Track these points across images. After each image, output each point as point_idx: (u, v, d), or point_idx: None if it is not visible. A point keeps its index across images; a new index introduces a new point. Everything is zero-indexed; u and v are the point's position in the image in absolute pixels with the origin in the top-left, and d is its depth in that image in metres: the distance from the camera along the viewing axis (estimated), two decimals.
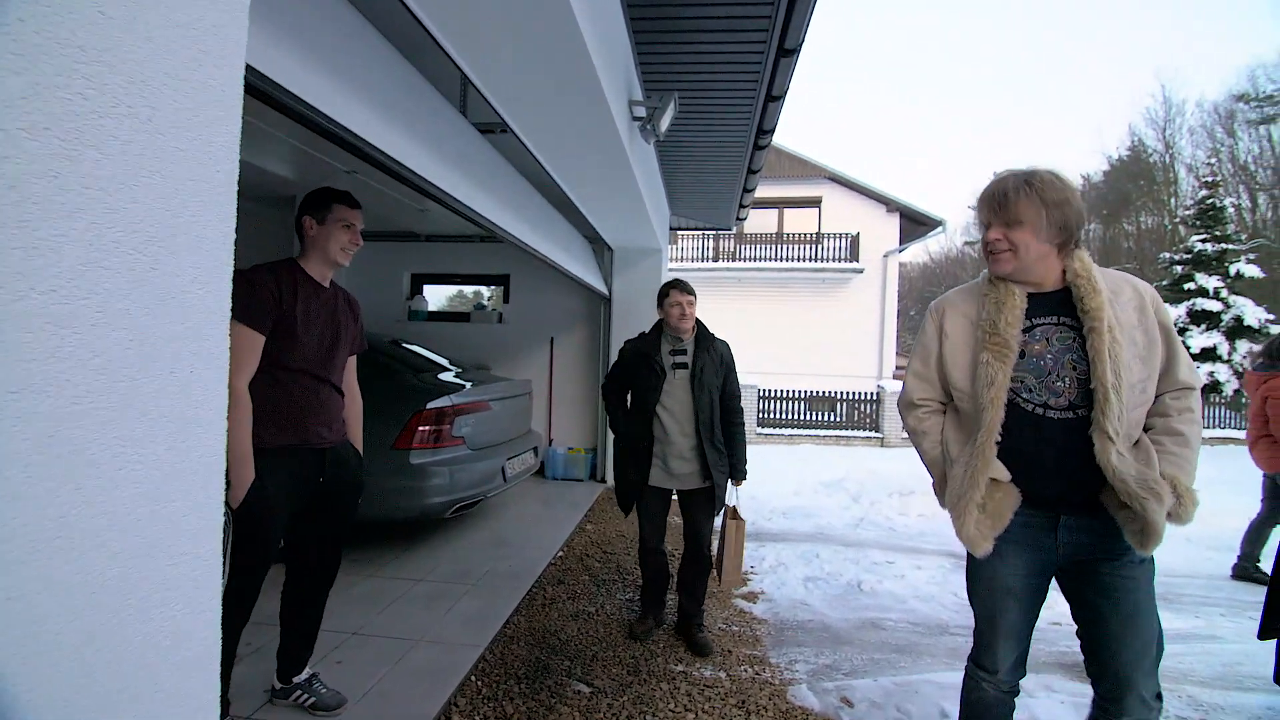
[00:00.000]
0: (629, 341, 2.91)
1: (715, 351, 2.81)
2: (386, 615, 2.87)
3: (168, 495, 0.68)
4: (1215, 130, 25.17)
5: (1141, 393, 1.44)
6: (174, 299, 0.66)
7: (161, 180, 0.63)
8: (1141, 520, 1.37)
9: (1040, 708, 2.40)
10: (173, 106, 0.64)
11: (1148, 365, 1.44)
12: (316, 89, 1.50)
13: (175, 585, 0.70)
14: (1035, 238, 1.45)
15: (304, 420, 1.89)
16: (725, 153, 4.92)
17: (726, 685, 2.48)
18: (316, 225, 1.94)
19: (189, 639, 0.74)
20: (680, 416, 2.74)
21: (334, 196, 1.96)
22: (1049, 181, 1.45)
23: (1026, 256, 1.46)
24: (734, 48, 3.37)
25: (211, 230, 0.69)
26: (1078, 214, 1.46)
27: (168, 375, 0.66)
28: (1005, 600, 1.58)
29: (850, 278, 15.82)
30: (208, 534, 0.75)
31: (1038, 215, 1.44)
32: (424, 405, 3.46)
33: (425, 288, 6.74)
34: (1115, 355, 1.40)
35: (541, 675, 2.47)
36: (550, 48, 2.13)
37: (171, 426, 0.68)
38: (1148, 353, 1.44)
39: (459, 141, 2.77)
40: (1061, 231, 1.46)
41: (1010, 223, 1.46)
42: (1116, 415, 1.38)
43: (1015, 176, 1.48)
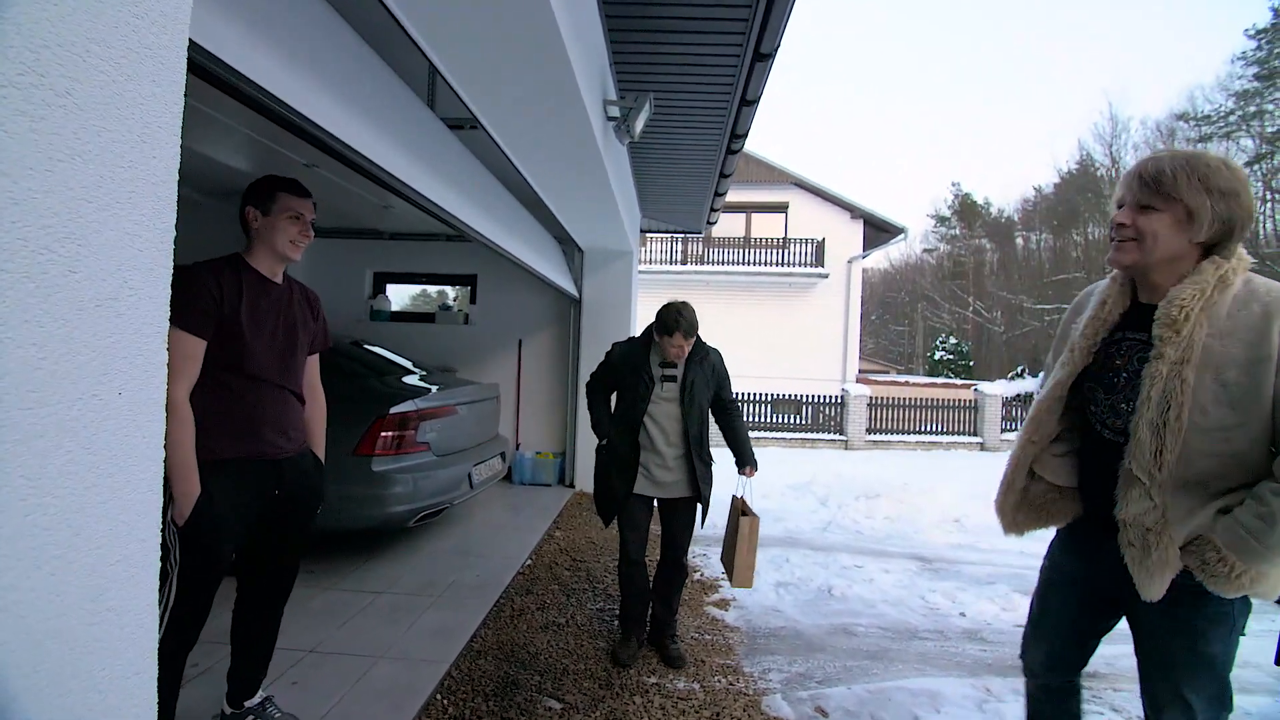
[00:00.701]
0: (619, 344, 2.78)
1: (708, 364, 2.70)
2: (346, 631, 2.74)
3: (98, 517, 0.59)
4: (1157, 146, 26.43)
5: (1223, 441, 1.20)
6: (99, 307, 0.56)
7: (83, 166, 0.54)
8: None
9: (1010, 712, 2.42)
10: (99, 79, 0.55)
11: (1237, 411, 1.18)
12: (270, 72, 1.40)
13: (103, 619, 0.61)
14: (1177, 230, 1.23)
15: (258, 430, 1.76)
16: (698, 156, 4.90)
17: (701, 697, 2.43)
18: (261, 217, 1.78)
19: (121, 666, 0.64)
20: (668, 429, 2.65)
21: (279, 185, 1.80)
22: (1215, 166, 1.22)
23: (1154, 251, 1.26)
24: (710, 50, 3.34)
25: (146, 226, 0.59)
26: (1246, 212, 1.22)
27: (90, 393, 0.56)
28: (1046, 591, 1.58)
29: (816, 282, 16.07)
30: (143, 560, 0.66)
31: (1193, 199, 1.20)
32: (387, 410, 3.32)
33: (388, 287, 6.53)
34: (1178, 389, 1.21)
35: (510, 691, 2.38)
36: (526, 40, 2.05)
37: (99, 448, 0.58)
38: (1246, 397, 1.18)
39: (426, 136, 2.67)
40: (1211, 228, 1.22)
41: (1146, 206, 1.25)
42: (1150, 454, 1.24)
43: (1176, 156, 1.25)
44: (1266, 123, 23.40)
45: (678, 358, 2.62)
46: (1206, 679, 1.31)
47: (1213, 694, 1.31)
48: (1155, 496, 1.25)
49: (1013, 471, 1.55)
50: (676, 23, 3.10)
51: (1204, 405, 1.20)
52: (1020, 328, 28.34)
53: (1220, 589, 1.21)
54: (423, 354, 5.62)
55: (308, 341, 1.96)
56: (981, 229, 34.24)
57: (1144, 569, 1.29)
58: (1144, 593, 1.29)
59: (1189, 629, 1.30)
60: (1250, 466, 1.20)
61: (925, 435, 12.38)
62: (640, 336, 2.77)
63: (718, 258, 16.56)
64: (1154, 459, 1.24)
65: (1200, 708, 1.31)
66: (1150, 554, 1.27)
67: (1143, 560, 1.29)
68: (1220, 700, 1.32)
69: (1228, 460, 1.21)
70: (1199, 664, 1.31)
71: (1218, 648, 1.29)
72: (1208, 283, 1.22)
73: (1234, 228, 1.22)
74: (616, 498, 2.66)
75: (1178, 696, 1.33)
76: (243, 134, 3.47)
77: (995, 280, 31.54)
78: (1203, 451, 1.21)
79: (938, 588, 3.79)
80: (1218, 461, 1.21)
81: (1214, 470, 1.22)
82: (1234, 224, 1.22)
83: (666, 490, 2.68)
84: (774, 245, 16.50)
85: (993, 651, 3.01)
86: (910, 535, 5.15)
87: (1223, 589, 1.21)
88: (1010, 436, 12.25)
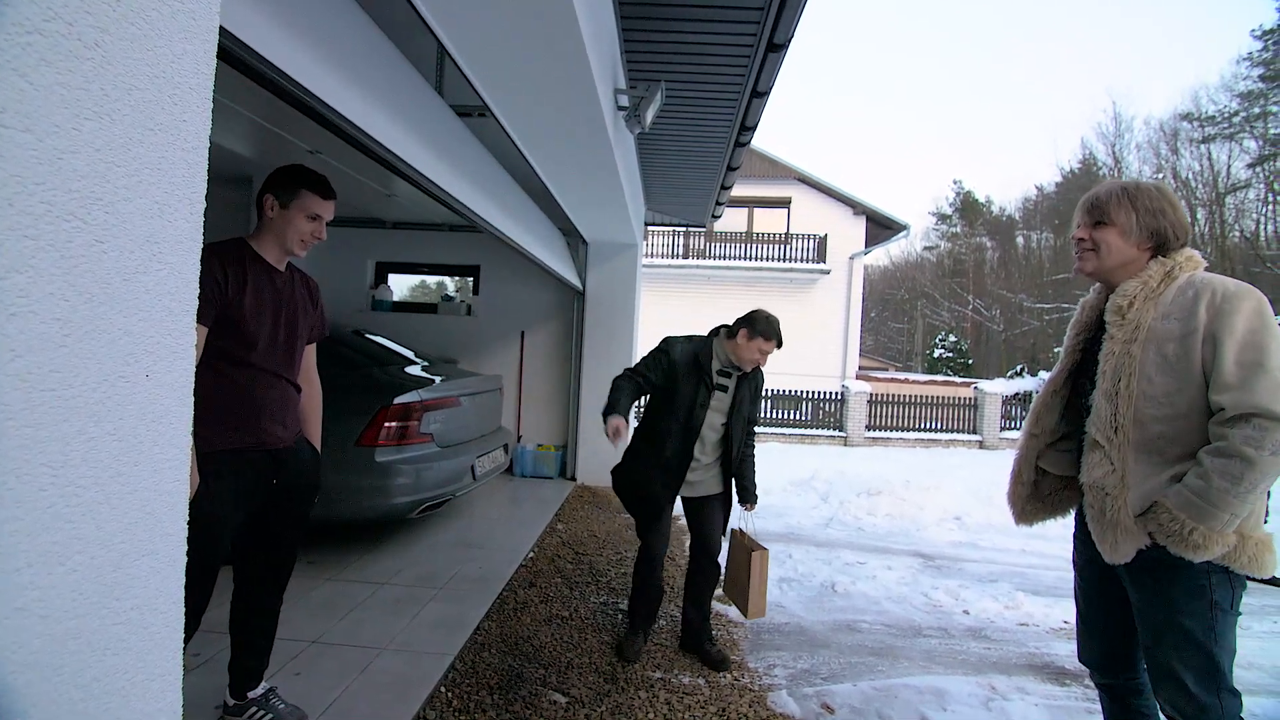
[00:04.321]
0: (677, 341, 2.64)
1: (753, 383, 2.67)
2: (348, 622, 2.71)
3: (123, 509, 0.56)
4: (1160, 147, 26.43)
5: (1168, 405, 1.38)
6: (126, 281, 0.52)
7: (111, 126, 0.50)
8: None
9: (1015, 710, 2.41)
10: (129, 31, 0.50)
11: (1176, 377, 1.37)
12: (278, 46, 1.35)
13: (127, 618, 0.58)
14: (1123, 239, 1.49)
15: (256, 420, 1.72)
16: (706, 148, 4.85)
17: (706, 692, 2.42)
18: (278, 207, 1.74)
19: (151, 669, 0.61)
20: (707, 439, 2.61)
21: (306, 181, 1.75)
22: (1142, 186, 1.51)
23: (1109, 258, 1.51)
24: (723, 40, 3.29)
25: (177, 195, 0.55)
26: (1171, 225, 1.47)
27: (117, 374, 0.53)
28: (1078, 585, 1.70)
29: (817, 278, 16.02)
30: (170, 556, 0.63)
31: (1125, 216, 1.48)
32: (391, 400, 3.29)
33: (390, 277, 6.48)
34: (1126, 363, 1.42)
35: (515, 685, 2.36)
36: (542, 25, 2.01)
37: (125, 434, 0.55)
38: (1177, 366, 1.37)
39: (436, 121, 2.63)
40: (1153, 238, 1.48)
41: (1095, 223, 1.52)
42: (1107, 419, 1.45)
43: (1114, 183, 1.56)
44: (1270, 124, 23.36)
45: (757, 364, 2.58)
46: (1190, 651, 1.40)
47: (1200, 668, 1.39)
48: (1115, 460, 1.44)
49: (1020, 464, 1.72)
50: (690, 10, 3.05)
51: (1150, 375, 1.40)
52: (1019, 327, 28.35)
53: (1179, 550, 1.34)
54: (424, 345, 5.59)
55: (307, 330, 1.92)
56: (982, 227, 34.20)
57: (1100, 529, 1.47)
58: (1105, 555, 1.46)
59: (1168, 602, 1.43)
60: (1196, 429, 1.37)
61: (925, 433, 12.38)
62: (700, 338, 2.67)
63: (719, 252, 16.50)
64: (1110, 423, 1.44)
65: (1191, 683, 1.40)
66: (1105, 515, 1.45)
67: (1099, 521, 1.47)
68: (1212, 678, 1.39)
69: (1176, 422, 1.38)
70: (1180, 636, 1.41)
71: (1194, 621, 1.39)
72: (1153, 277, 1.45)
73: (1166, 237, 1.48)
74: (657, 502, 2.61)
75: (1169, 669, 1.43)
76: (246, 118, 3.42)
77: (995, 279, 31.52)
78: (1153, 416, 1.40)
79: (940, 585, 3.78)
80: (1167, 425, 1.39)
81: (1166, 433, 1.39)
82: (1165, 234, 1.48)
83: (696, 489, 2.64)
84: (776, 241, 16.44)
85: (997, 649, 3.00)
86: (912, 532, 5.14)
87: (1181, 550, 1.33)
88: (1010, 435, 12.27)
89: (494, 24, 2.02)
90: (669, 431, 2.57)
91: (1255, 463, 1.26)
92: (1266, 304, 1.34)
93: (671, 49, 3.44)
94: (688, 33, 3.25)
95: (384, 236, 6.24)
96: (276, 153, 4.32)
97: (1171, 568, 1.39)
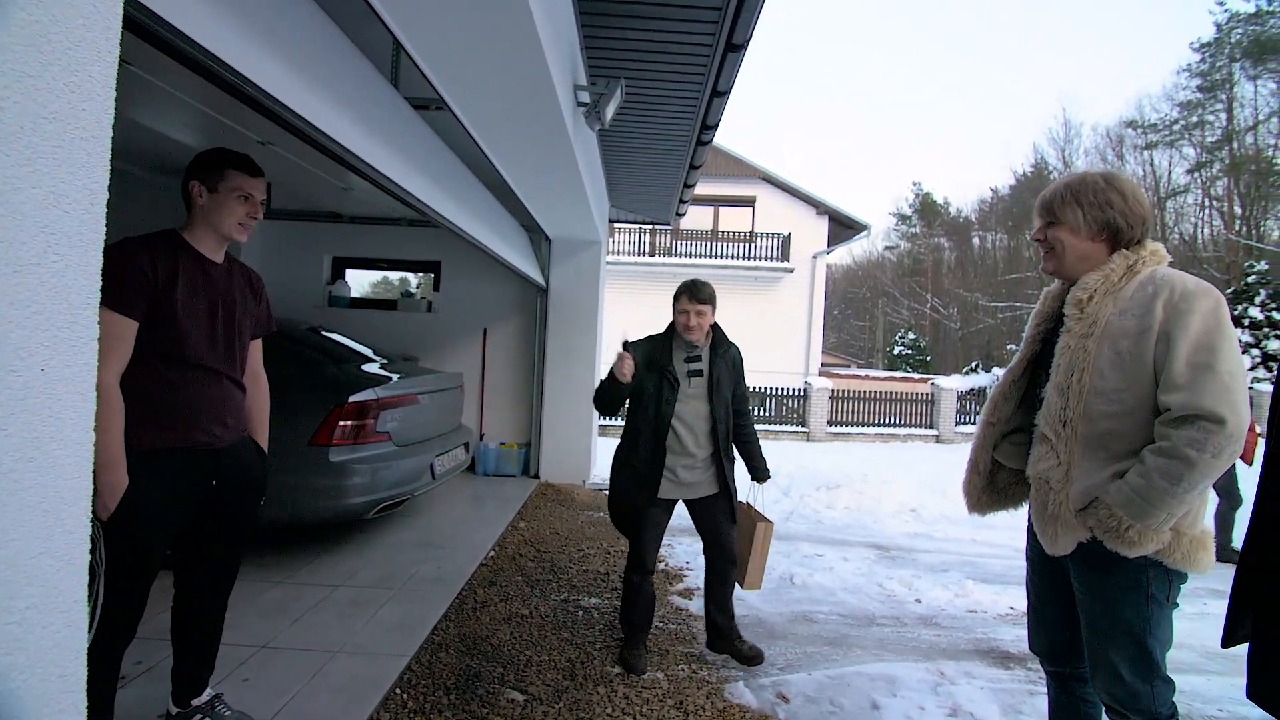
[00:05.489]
0: (634, 343, 2.56)
1: (729, 358, 2.62)
2: (301, 625, 2.65)
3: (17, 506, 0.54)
4: (1106, 153, 27.61)
5: (1118, 401, 1.38)
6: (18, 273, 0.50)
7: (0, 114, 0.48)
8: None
9: (961, 694, 2.50)
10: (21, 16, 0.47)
11: (1128, 373, 1.37)
12: (215, 33, 1.31)
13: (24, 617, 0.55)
14: (1074, 236, 1.50)
15: (192, 418, 1.66)
16: (669, 146, 4.88)
17: (664, 686, 2.44)
18: (206, 193, 1.67)
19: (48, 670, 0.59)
20: (696, 428, 2.54)
21: (229, 160, 1.69)
22: (1087, 180, 1.51)
23: (1066, 255, 1.52)
24: (682, 39, 3.31)
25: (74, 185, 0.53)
26: (1122, 215, 1.46)
27: (8, 368, 0.51)
28: (1028, 576, 1.72)
29: (781, 277, 16.26)
30: (69, 554, 0.61)
31: (1072, 213, 1.49)
32: (345, 399, 3.22)
33: (348, 273, 6.34)
34: (1081, 357, 1.42)
35: (472, 684, 2.34)
36: (496, 16, 1.99)
37: (17, 429, 0.53)
38: (1130, 362, 1.37)
39: (389, 114, 2.58)
40: (1104, 229, 1.48)
41: (1048, 223, 1.54)
42: (1057, 413, 1.46)
43: (1062, 180, 1.56)
44: (1207, 133, 24.62)
45: (689, 332, 2.51)
46: (1126, 643, 1.43)
47: (1135, 659, 1.43)
48: (1061, 454, 1.45)
49: (976, 453, 1.73)
50: (649, 9, 3.06)
51: (1103, 370, 1.39)
52: (975, 324, 29.26)
53: (1115, 545, 1.36)
54: (384, 342, 5.48)
55: (250, 326, 1.86)
56: (940, 228, 35.20)
57: (1041, 521, 1.50)
58: (1046, 546, 1.50)
59: (1105, 594, 1.45)
60: (1142, 426, 1.37)
61: (884, 428, 12.69)
62: (659, 334, 2.64)
63: (686, 250, 16.60)
64: (1060, 416, 1.44)
65: (1126, 672, 1.43)
66: (1046, 509, 1.47)
67: (1041, 514, 1.50)
68: (1146, 668, 1.43)
69: (1124, 419, 1.38)
70: (1117, 628, 1.44)
71: (1131, 613, 1.42)
72: (1115, 271, 1.44)
73: (1118, 226, 1.47)
74: (637, 508, 2.55)
75: (1105, 658, 1.46)
76: (191, 106, 3.30)
77: (952, 278, 32.47)
78: (1102, 412, 1.39)
79: (895, 575, 3.88)
80: (1115, 421, 1.39)
81: (1113, 429, 1.39)
82: (1115, 224, 1.47)
83: (693, 490, 2.59)
84: (741, 239, 16.63)
85: (946, 636, 3.10)
86: (869, 525, 5.27)
87: (1116, 545, 1.36)
88: (965, 429, 12.65)
89: (447, 16, 2.00)
90: (639, 431, 2.55)
91: (1196, 464, 1.26)
92: (1224, 305, 1.34)
93: (632, 47, 3.45)
94: (647, 31, 3.26)
95: (341, 231, 6.09)
96: (223, 142, 4.15)
97: (1110, 561, 1.41)
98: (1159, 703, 1.43)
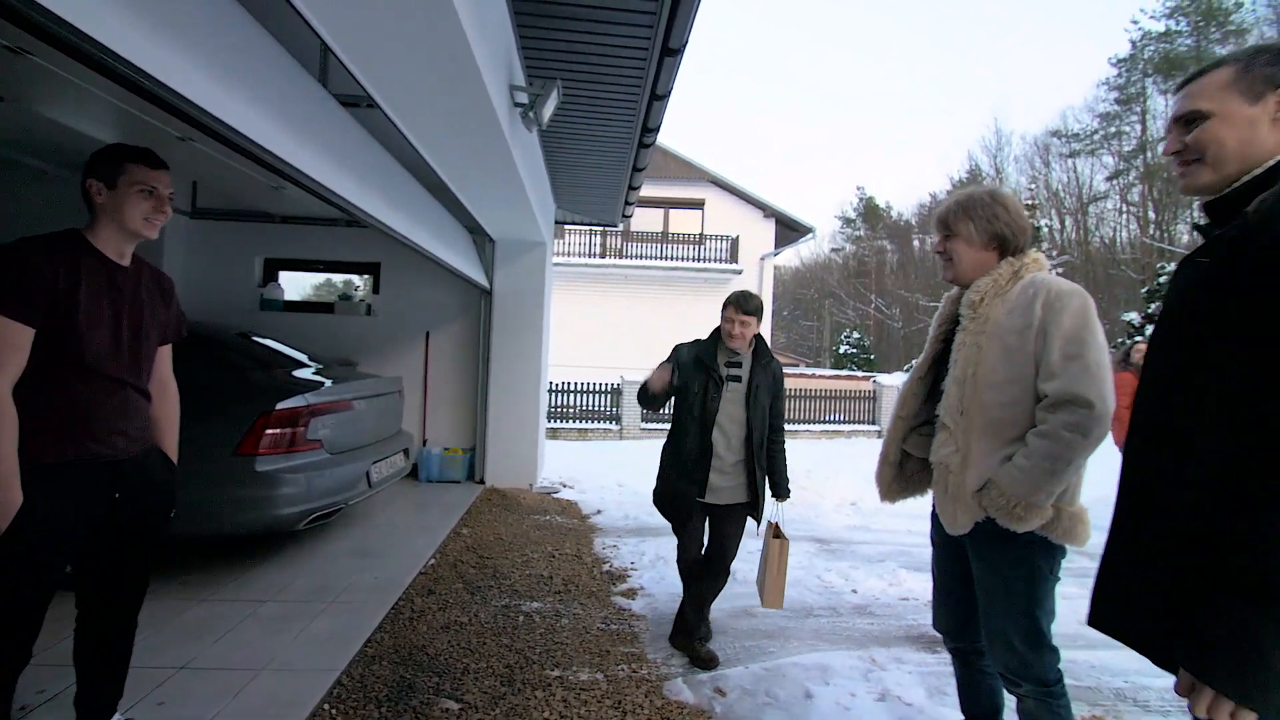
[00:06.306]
0: (684, 345, 2.76)
1: (770, 371, 2.72)
2: (224, 644, 2.54)
3: None
4: (1034, 160, 29.18)
5: (1006, 392, 1.53)
6: None
7: None
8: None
9: (890, 679, 2.59)
10: None
11: (1014, 366, 1.52)
12: (111, 25, 1.25)
13: None
14: (969, 246, 1.67)
15: (93, 429, 1.57)
16: (611, 148, 4.89)
17: (604, 686, 2.45)
18: (105, 190, 1.59)
19: None
20: (730, 433, 2.65)
21: (126, 154, 1.61)
22: (975, 196, 1.70)
23: (962, 264, 1.69)
24: (619, 42, 3.33)
25: None
26: (1007, 226, 1.64)
27: None
28: (933, 558, 1.87)
29: (730, 278, 16.49)
30: None
31: (965, 226, 1.67)
32: (273, 406, 3.10)
33: (282, 275, 6.09)
34: (974, 353, 1.58)
35: (406, 696, 2.29)
36: (417, 14, 1.96)
37: None
38: (1016, 356, 1.51)
39: (315, 112, 2.50)
40: (994, 240, 1.65)
41: (945, 235, 1.72)
42: (954, 404, 1.61)
43: (953, 197, 1.76)
44: (1124, 143, 26.31)
45: (732, 340, 2.65)
46: (1017, 615, 1.57)
47: (1026, 630, 1.56)
48: (959, 441, 1.59)
49: (887, 445, 1.88)
50: (585, 11, 3.07)
51: (993, 364, 1.55)
52: (916, 323, 30.37)
53: (1006, 521, 1.51)
54: (321, 346, 5.30)
55: (158, 332, 1.77)
56: (883, 231, 36.42)
57: (943, 503, 1.65)
58: (947, 526, 1.65)
59: (998, 569, 1.60)
60: (1028, 414, 1.52)
61: (828, 424, 13.04)
62: (703, 339, 2.79)
63: (636, 252, 16.66)
64: (957, 406, 1.60)
65: (1019, 645, 1.57)
66: (947, 490, 1.62)
67: (943, 496, 1.65)
68: (1036, 639, 1.56)
69: (1012, 408, 1.53)
70: (1009, 602, 1.58)
71: (1020, 586, 1.57)
72: (1003, 275, 1.62)
73: (1005, 236, 1.64)
74: (684, 499, 2.67)
75: (999, 630, 1.61)
76: (102, 99, 3.12)
77: (895, 279, 33.64)
78: (994, 401, 1.54)
79: (833, 567, 4.00)
80: (1005, 410, 1.54)
81: (1004, 418, 1.54)
82: (1003, 234, 1.64)
83: (719, 496, 2.68)
84: (691, 241, 16.81)
85: (879, 624, 3.22)
86: (812, 519, 5.40)
87: (1007, 521, 1.50)
88: None
89: (369, 11, 1.95)
90: (686, 428, 2.67)
91: (1070, 444, 1.41)
92: (1091, 304, 1.50)
93: (569, 49, 3.45)
94: (584, 33, 3.27)
95: (273, 232, 5.86)
96: (142, 138, 3.96)
97: (1002, 539, 1.55)
98: (1048, 670, 1.58)
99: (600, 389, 11.56)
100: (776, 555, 2.69)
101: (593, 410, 11.53)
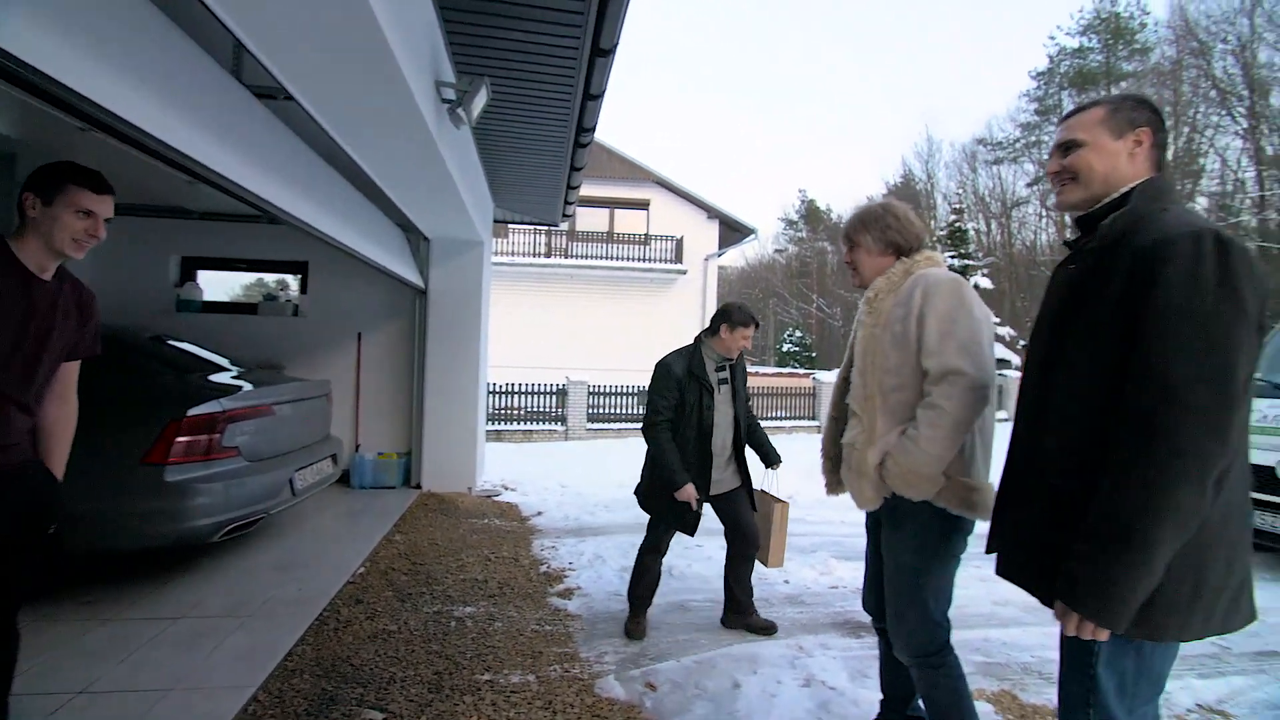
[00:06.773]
0: (672, 358, 2.89)
1: (742, 364, 3.00)
2: (129, 665, 2.39)
3: None
4: (962, 166, 30.68)
5: (899, 376, 1.69)
6: None
7: None
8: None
9: (815, 665, 2.68)
10: None
11: (903, 351, 1.68)
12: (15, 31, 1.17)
13: None
14: (869, 255, 1.87)
15: None
16: (547, 147, 4.86)
17: (535, 688, 2.44)
18: (40, 206, 1.55)
19: None
20: (724, 430, 2.88)
21: (72, 176, 1.57)
22: (869, 210, 1.89)
23: (865, 270, 1.88)
24: (549, 40, 3.31)
25: None
26: (898, 232, 1.83)
27: None
28: (867, 537, 2.00)
29: (675, 278, 16.67)
30: None
31: (864, 237, 1.86)
32: (183, 412, 2.94)
33: (200, 274, 5.78)
34: (873, 346, 1.74)
35: (326, 709, 2.22)
36: (332, 8, 1.90)
37: None
38: (902, 341, 1.68)
39: (224, 104, 2.39)
40: (890, 247, 1.83)
41: (850, 246, 1.92)
42: (860, 393, 1.78)
43: (854, 212, 1.94)
44: (1043, 151, 27.98)
45: (735, 351, 2.86)
46: (908, 586, 1.72)
47: (910, 600, 1.71)
48: (865, 423, 1.75)
49: (825, 442, 2.03)
50: (513, 8, 3.04)
51: (885, 351, 1.71)
52: None
53: (900, 489, 1.66)
54: (245, 350, 5.05)
55: (63, 348, 1.70)
56: (824, 232, 37.52)
57: (851, 480, 1.80)
58: (856, 503, 1.81)
59: (894, 543, 1.76)
60: (918, 394, 1.67)
61: (770, 421, 13.33)
62: (688, 347, 2.93)
63: (581, 252, 16.61)
64: (862, 393, 1.76)
65: (912, 619, 1.71)
66: (853, 468, 1.77)
67: (850, 473, 1.80)
68: (920, 610, 1.70)
69: (905, 390, 1.69)
70: (902, 573, 1.73)
71: (908, 558, 1.72)
72: (895, 273, 1.80)
73: (899, 242, 1.83)
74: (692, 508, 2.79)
75: (890, 601, 1.76)
76: None
77: (835, 279, 34.71)
78: (891, 385, 1.71)
79: None
80: (901, 392, 1.70)
81: (900, 399, 1.70)
82: (897, 241, 1.83)
83: (720, 487, 2.92)
84: (636, 241, 16.87)
85: (808, 613, 3.33)
86: None
87: (901, 489, 1.66)
88: None
89: (277, 2, 1.88)
90: (687, 439, 2.82)
91: (949, 412, 1.57)
92: (964, 287, 1.67)
93: (499, 46, 3.41)
94: (513, 30, 3.23)
95: (191, 228, 5.55)
96: (42, 129, 3.71)
97: (902, 514, 1.71)
98: (929, 641, 1.71)
99: (545, 390, 11.46)
100: (779, 517, 2.97)
101: (538, 411, 11.41)
